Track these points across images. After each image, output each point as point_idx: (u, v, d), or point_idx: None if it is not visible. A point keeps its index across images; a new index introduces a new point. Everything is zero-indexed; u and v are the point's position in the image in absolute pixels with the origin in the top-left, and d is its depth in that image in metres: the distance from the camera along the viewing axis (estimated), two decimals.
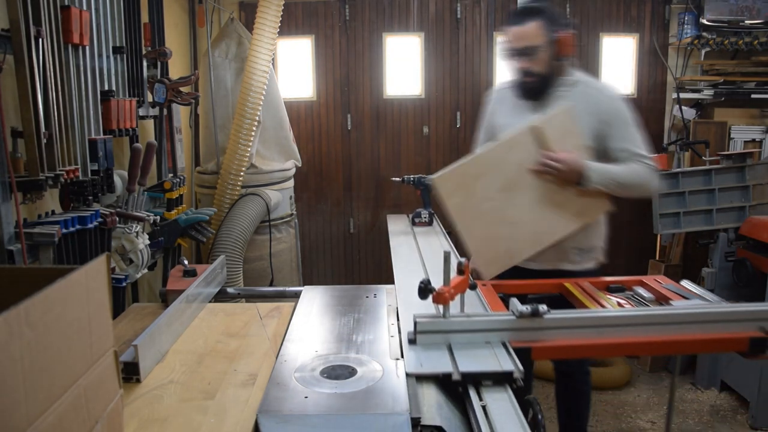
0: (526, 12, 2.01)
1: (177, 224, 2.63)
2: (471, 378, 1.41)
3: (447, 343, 1.57)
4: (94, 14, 2.18)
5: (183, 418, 1.23)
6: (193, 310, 1.85)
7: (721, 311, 1.74)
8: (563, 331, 1.65)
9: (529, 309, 1.59)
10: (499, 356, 1.50)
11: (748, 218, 3.42)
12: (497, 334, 1.59)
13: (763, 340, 1.68)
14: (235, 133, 3.25)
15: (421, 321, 1.59)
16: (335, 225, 4.38)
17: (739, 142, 4.00)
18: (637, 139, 2.06)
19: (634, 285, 2.13)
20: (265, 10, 3.18)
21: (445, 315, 1.59)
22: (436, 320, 1.59)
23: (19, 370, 0.74)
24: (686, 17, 3.92)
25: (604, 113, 2.04)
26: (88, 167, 2.06)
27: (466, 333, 1.59)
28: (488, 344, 1.57)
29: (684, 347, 1.83)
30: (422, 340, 1.58)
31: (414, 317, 1.60)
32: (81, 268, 0.92)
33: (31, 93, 1.72)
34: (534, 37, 1.98)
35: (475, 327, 1.59)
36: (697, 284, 2.10)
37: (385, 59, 4.19)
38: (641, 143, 2.06)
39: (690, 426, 3.13)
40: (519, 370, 1.42)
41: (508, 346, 1.56)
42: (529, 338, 1.62)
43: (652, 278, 2.18)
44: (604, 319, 1.70)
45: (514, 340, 1.59)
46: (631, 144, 2.04)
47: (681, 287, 2.08)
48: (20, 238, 1.70)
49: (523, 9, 2.03)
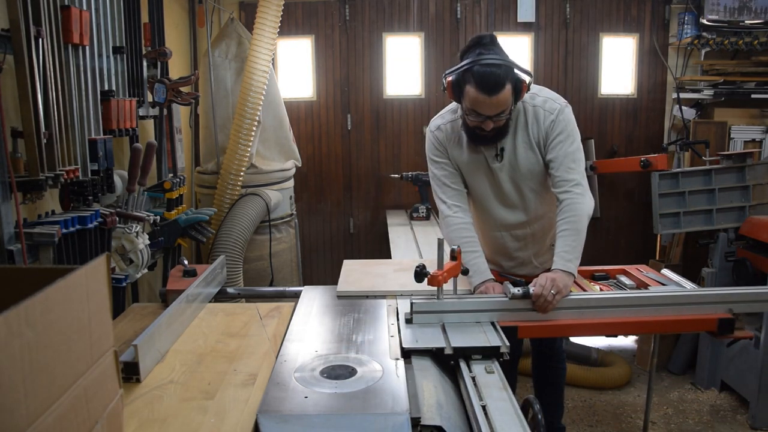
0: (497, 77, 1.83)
1: (177, 224, 2.63)
2: (461, 352, 1.58)
3: (441, 322, 1.75)
4: (94, 14, 2.18)
5: (183, 418, 1.23)
6: (193, 310, 1.85)
7: (692, 294, 1.92)
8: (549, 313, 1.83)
9: (521, 291, 1.79)
10: (488, 333, 1.68)
11: (748, 218, 3.42)
12: (487, 314, 1.78)
13: (730, 320, 1.85)
14: (235, 133, 3.25)
15: (417, 302, 1.77)
16: (335, 225, 4.38)
17: (739, 142, 4.00)
18: (568, 158, 1.99)
19: (617, 274, 2.26)
20: (265, 10, 3.18)
21: (439, 296, 1.77)
22: (431, 301, 1.77)
23: (19, 370, 0.74)
24: (686, 17, 3.93)
25: (542, 129, 2.01)
26: (88, 167, 2.06)
27: (458, 313, 1.77)
28: (478, 323, 1.76)
29: (658, 327, 1.94)
30: (418, 319, 1.75)
31: (410, 298, 1.80)
32: (81, 268, 0.92)
33: (31, 93, 1.72)
34: (507, 101, 1.89)
35: (466, 307, 1.78)
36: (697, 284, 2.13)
37: (385, 59, 4.19)
38: (573, 160, 1.99)
39: (690, 426, 3.13)
40: (505, 345, 1.59)
41: (497, 324, 1.75)
42: (516, 318, 1.81)
43: (635, 268, 2.28)
44: (584, 301, 1.87)
45: (502, 320, 1.78)
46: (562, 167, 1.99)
47: (661, 275, 2.19)
48: (20, 238, 1.70)
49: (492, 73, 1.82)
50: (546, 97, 2.04)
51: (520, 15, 4.08)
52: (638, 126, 4.25)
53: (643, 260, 4.20)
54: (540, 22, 4.12)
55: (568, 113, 2.03)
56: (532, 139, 2.02)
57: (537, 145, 2.03)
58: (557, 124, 1.99)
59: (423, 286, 1.77)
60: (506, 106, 1.90)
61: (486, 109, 1.88)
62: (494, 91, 1.84)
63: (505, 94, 1.85)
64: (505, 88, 1.84)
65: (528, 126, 2.02)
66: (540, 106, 2.01)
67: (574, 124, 2.03)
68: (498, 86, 1.83)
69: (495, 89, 1.83)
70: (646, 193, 4.05)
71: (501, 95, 1.85)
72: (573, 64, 4.17)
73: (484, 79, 1.83)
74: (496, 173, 2.08)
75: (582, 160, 2.04)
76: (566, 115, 2.02)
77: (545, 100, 2.02)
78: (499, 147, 2.04)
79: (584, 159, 2.08)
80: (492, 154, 2.05)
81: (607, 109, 4.24)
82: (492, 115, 1.90)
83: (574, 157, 2.00)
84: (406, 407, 1.24)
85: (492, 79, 1.83)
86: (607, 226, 4.29)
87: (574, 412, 3.29)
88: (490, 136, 1.97)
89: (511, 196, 2.12)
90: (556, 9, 4.12)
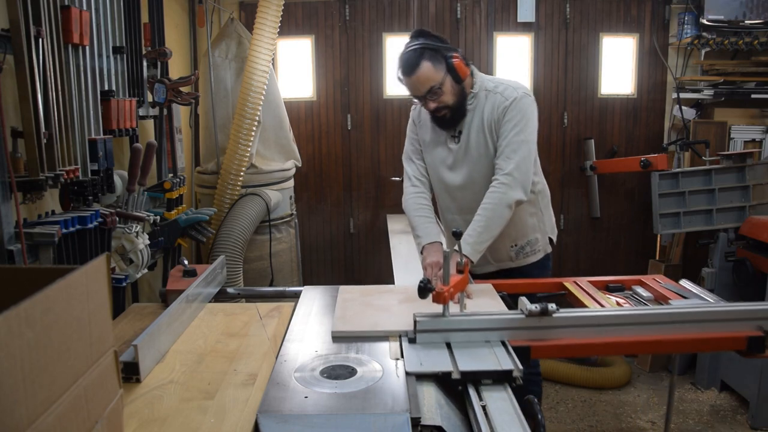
0: (412, 58, 1.99)
1: (177, 224, 2.63)
2: (470, 377, 1.42)
3: (447, 341, 1.59)
4: (94, 14, 2.18)
5: (183, 418, 1.23)
6: (193, 310, 1.85)
7: (719, 310, 1.75)
8: (562, 330, 1.66)
9: (539, 307, 1.60)
10: (498, 355, 1.51)
11: (748, 218, 3.42)
12: (497, 333, 1.61)
13: (761, 339, 1.69)
14: (235, 133, 3.25)
15: (421, 320, 1.60)
16: (335, 225, 4.38)
17: (739, 142, 4.00)
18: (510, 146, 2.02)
19: (633, 284, 2.14)
20: (265, 10, 3.18)
21: (445, 314, 1.61)
22: (436, 319, 1.61)
23: (19, 370, 0.74)
24: (686, 17, 3.92)
25: (494, 114, 2.05)
26: (88, 167, 2.06)
27: (465, 332, 1.61)
28: (488, 343, 1.59)
29: (683, 346, 1.83)
30: (422, 338, 1.60)
31: (414, 316, 1.62)
32: (81, 268, 0.92)
33: (31, 93, 1.72)
34: (430, 77, 1.99)
35: (474, 326, 1.61)
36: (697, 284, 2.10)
37: (385, 59, 4.19)
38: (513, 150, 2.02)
39: (690, 426, 3.13)
40: (518, 368, 1.43)
41: (508, 344, 1.57)
42: (529, 337, 1.63)
43: (651, 278, 2.18)
44: (603, 318, 1.71)
45: (513, 339, 1.61)
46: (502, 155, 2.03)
47: (680, 287, 2.08)
48: (20, 238, 1.70)
49: (407, 56, 2.00)
50: (508, 85, 2.09)
51: (520, 15, 4.08)
52: (638, 126, 4.25)
53: (643, 260, 4.22)
54: (540, 22, 4.12)
55: (525, 103, 2.04)
56: (485, 123, 2.07)
57: (489, 130, 2.07)
58: (509, 111, 2.03)
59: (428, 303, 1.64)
60: (433, 82, 1.99)
61: (414, 89, 2.03)
62: (411, 71, 1.99)
63: (423, 71, 1.97)
64: (421, 65, 1.97)
65: (484, 110, 2.08)
66: (499, 93, 2.06)
67: (529, 116, 2.04)
68: (414, 66, 1.97)
69: (412, 69, 1.98)
70: (646, 193, 4.05)
71: (419, 73, 1.98)
72: (573, 64, 4.17)
73: (402, 63, 2.02)
74: (453, 154, 2.14)
75: (526, 153, 2.02)
76: (522, 104, 2.03)
77: (506, 88, 2.07)
78: (457, 129, 2.12)
79: (531, 154, 2.06)
80: (450, 135, 2.14)
81: (607, 109, 4.24)
82: (423, 94, 2.02)
83: (515, 147, 2.01)
84: (405, 407, 1.24)
85: (407, 60, 1.99)
86: (607, 226, 4.29)
87: (574, 412, 3.29)
88: (446, 117, 2.08)
89: (463, 177, 2.14)
90: (556, 9, 4.12)
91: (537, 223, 2.28)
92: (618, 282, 2.16)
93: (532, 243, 2.27)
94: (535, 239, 2.28)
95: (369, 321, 1.74)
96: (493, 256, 2.23)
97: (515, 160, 2.00)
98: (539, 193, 2.26)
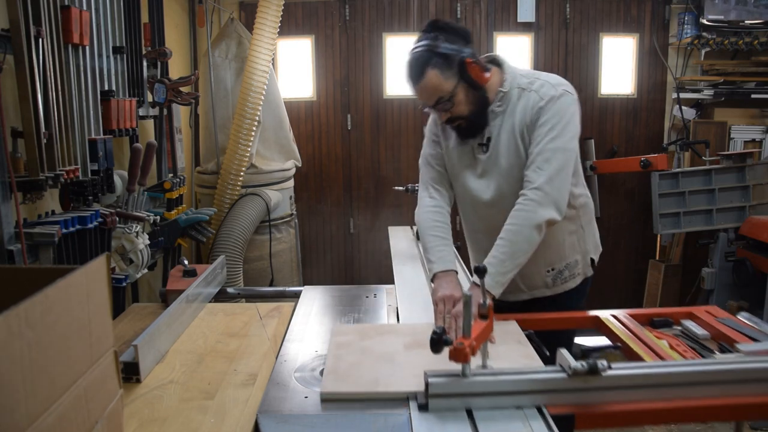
0: (416, 63, 1.66)
1: (177, 224, 2.63)
2: None
3: (467, 407, 1.24)
4: (94, 14, 2.18)
5: (183, 418, 1.23)
6: (193, 310, 1.85)
7: None
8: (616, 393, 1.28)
9: (585, 365, 1.22)
10: (533, 426, 1.18)
11: (748, 218, 3.42)
12: (531, 397, 1.26)
13: None
14: (235, 133, 3.25)
15: (435, 381, 1.23)
16: (335, 225, 4.38)
17: (739, 142, 4.00)
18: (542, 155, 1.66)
19: (681, 318, 1.80)
20: (265, 10, 3.18)
21: (465, 373, 1.24)
22: (455, 380, 1.24)
23: (19, 370, 0.74)
24: (686, 17, 3.92)
25: (528, 115, 1.71)
26: (88, 167, 2.06)
27: (491, 396, 1.25)
28: (519, 410, 1.23)
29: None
30: (436, 405, 1.24)
31: (425, 376, 1.25)
32: (81, 268, 0.92)
33: (31, 93, 1.72)
34: (437, 87, 1.65)
35: (503, 388, 1.25)
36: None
37: (385, 59, 4.19)
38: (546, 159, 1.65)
39: (690, 426, 3.13)
40: None
41: (545, 412, 1.23)
42: (571, 401, 1.26)
43: (703, 310, 1.83)
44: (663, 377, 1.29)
45: (552, 405, 1.25)
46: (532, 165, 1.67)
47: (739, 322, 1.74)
48: (20, 238, 1.70)
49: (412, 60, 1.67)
50: (545, 80, 1.73)
51: (520, 15, 4.08)
52: (638, 126, 4.25)
53: (643, 260, 4.22)
54: (540, 22, 4.12)
55: (564, 103, 1.68)
56: (516, 127, 1.71)
57: (521, 134, 1.71)
58: (545, 112, 1.67)
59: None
60: (441, 93, 1.67)
61: (422, 98, 1.72)
62: (417, 79, 1.67)
63: (429, 80, 1.65)
64: (426, 74, 1.65)
65: (516, 111, 1.72)
66: (534, 91, 1.71)
67: (569, 119, 1.68)
68: (418, 74, 1.66)
69: (417, 77, 1.67)
70: (646, 193, 4.05)
71: (425, 80, 1.66)
72: (573, 64, 4.17)
73: (407, 70, 1.71)
74: (480, 165, 1.79)
75: (562, 163, 1.66)
76: (560, 104, 1.67)
77: (542, 84, 1.72)
78: (485, 135, 1.76)
79: (568, 165, 1.68)
80: (478, 142, 1.78)
81: (607, 109, 4.24)
82: (433, 104, 1.70)
83: (548, 156, 1.65)
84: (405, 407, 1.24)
85: (412, 67, 1.68)
86: (607, 226, 4.29)
87: None
88: (462, 127, 1.76)
89: (492, 192, 1.79)
90: (556, 9, 4.12)
91: (577, 243, 1.90)
92: (663, 315, 1.82)
93: (571, 266, 1.89)
94: (574, 262, 1.89)
95: (368, 377, 1.36)
96: (526, 283, 1.85)
97: (547, 172, 1.64)
98: (581, 208, 1.88)
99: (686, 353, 1.58)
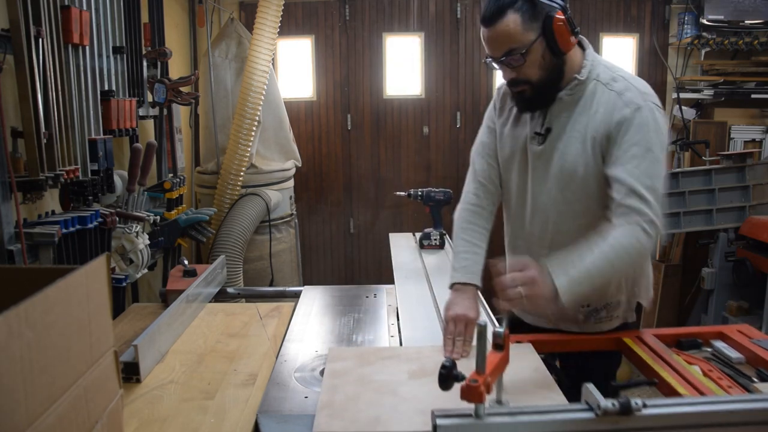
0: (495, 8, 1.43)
1: (177, 224, 2.63)
2: None
3: None
4: (94, 14, 2.18)
5: (183, 418, 1.23)
6: (193, 310, 1.85)
7: None
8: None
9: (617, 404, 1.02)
10: None
11: (748, 218, 3.42)
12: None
13: None
14: (235, 133, 3.25)
15: (444, 423, 1.03)
16: (335, 225, 4.38)
17: (739, 142, 4.00)
18: (642, 167, 1.40)
19: (711, 338, 1.65)
20: (265, 10, 3.18)
21: (479, 414, 1.05)
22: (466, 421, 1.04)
23: (19, 370, 0.74)
24: (686, 17, 3.92)
25: (607, 122, 1.45)
26: (88, 167, 2.06)
27: None
28: None
29: None
30: None
31: (433, 416, 1.02)
32: (81, 268, 0.92)
33: (31, 93, 1.72)
34: (513, 35, 1.42)
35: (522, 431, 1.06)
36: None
37: (385, 59, 4.19)
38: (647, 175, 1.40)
39: None
40: None
41: None
42: None
43: (735, 329, 1.67)
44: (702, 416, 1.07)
45: None
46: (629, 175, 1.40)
47: None
48: (20, 238, 1.70)
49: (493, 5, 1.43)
50: (630, 83, 1.47)
51: None
52: None
53: None
54: None
55: (649, 116, 1.43)
56: (589, 130, 1.47)
57: (593, 142, 1.47)
58: (630, 127, 1.42)
59: None
60: (515, 43, 1.42)
61: (490, 47, 1.48)
62: (492, 20, 1.44)
63: (507, 23, 1.41)
64: (506, 16, 1.41)
65: (591, 110, 1.48)
66: (617, 92, 1.46)
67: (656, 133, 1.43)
68: (496, 15, 1.42)
69: (492, 18, 1.43)
70: None
71: (502, 24, 1.42)
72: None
73: (484, 8, 1.47)
74: (532, 161, 1.55)
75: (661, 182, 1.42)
76: (646, 117, 1.42)
77: (628, 87, 1.46)
78: (545, 124, 1.52)
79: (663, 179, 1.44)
80: (534, 131, 1.54)
81: None
82: (500, 56, 1.46)
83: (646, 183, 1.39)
84: None
85: (491, 5, 1.44)
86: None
87: None
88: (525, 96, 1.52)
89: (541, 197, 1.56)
90: None
91: (624, 282, 1.61)
92: (691, 335, 1.66)
93: (611, 307, 1.62)
94: (616, 302, 1.62)
95: (367, 413, 1.20)
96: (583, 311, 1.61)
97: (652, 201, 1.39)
98: None
99: (721, 380, 1.42)
